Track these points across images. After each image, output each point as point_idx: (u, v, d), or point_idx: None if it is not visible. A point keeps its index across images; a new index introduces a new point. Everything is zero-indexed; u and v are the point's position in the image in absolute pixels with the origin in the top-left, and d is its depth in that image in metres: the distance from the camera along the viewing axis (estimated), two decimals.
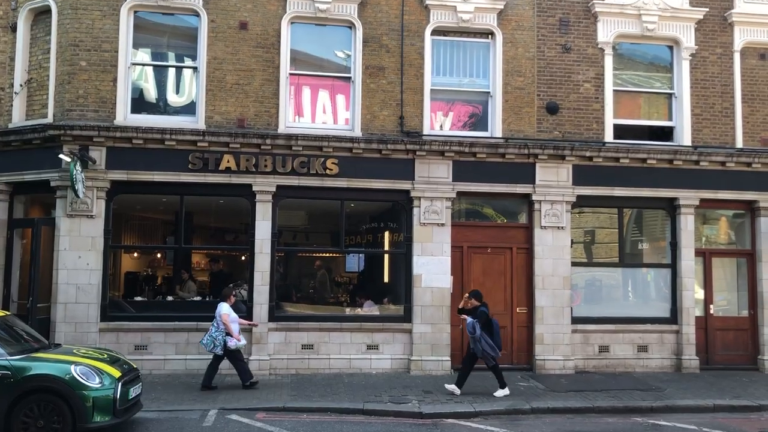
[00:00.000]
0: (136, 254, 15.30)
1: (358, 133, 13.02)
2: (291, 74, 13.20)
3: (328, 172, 12.84)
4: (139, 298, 13.52)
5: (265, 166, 12.68)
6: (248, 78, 12.93)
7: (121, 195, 12.66)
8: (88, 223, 12.31)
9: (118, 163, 12.41)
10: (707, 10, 14.12)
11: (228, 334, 11.15)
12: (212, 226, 15.41)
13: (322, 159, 12.82)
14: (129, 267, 14.92)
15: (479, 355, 11.02)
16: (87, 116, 12.49)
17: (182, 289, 13.51)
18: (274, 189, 12.72)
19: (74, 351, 8.83)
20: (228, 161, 12.61)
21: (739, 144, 14.07)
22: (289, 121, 13.09)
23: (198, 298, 13.39)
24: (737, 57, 14.24)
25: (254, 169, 12.65)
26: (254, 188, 12.67)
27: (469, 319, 11.02)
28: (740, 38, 14.25)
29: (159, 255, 15.64)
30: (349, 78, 13.31)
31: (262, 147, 12.64)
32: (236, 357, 11.33)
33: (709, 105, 14.13)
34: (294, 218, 14.76)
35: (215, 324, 11.23)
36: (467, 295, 11.57)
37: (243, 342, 11.41)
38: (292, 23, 13.25)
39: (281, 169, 12.72)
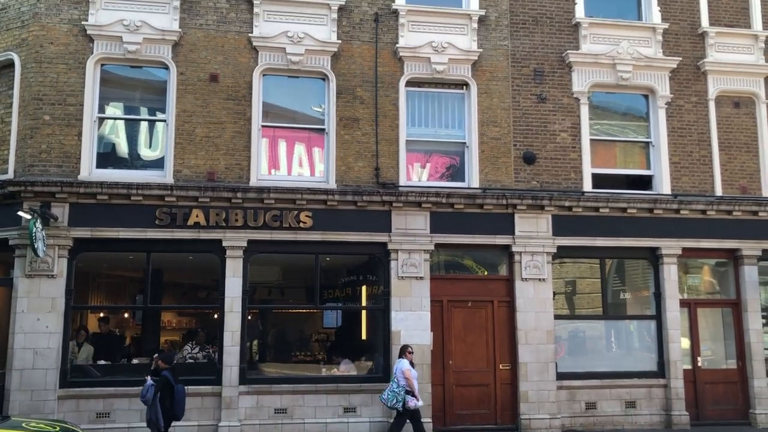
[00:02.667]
0: (102, 314, 14.60)
1: (332, 184, 12.67)
2: (263, 126, 12.91)
3: (301, 225, 12.42)
4: (103, 362, 12.78)
5: (236, 220, 12.23)
6: (219, 130, 12.60)
7: (85, 253, 12.09)
8: (49, 283, 11.69)
9: (82, 219, 11.88)
10: (680, 59, 14.16)
11: (409, 392, 11.02)
12: (182, 284, 14.82)
13: (296, 212, 12.42)
14: (95, 328, 14.20)
15: (148, 419, 9.79)
16: (50, 171, 12.02)
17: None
18: (245, 244, 12.24)
19: (23, 425, 8.13)
20: (197, 216, 12.15)
21: (719, 192, 13.93)
22: (261, 174, 12.73)
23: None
24: (712, 105, 14.24)
25: (224, 224, 12.20)
26: (224, 243, 12.19)
27: (148, 382, 9.75)
28: (714, 87, 14.28)
29: (126, 315, 14.96)
30: (323, 129, 13.05)
31: (232, 201, 12.21)
32: (415, 417, 11.17)
33: (687, 153, 14.03)
34: (267, 274, 14.24)
35: (395, 380, 11.11)
36: (156, 355, 10.58)
37: (421, 402, 11.28)
38: (264, 75, 13.03)
39: (253, 223, 12.28)
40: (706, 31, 14.30)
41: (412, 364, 11.39)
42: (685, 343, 13.71)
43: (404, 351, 11.50)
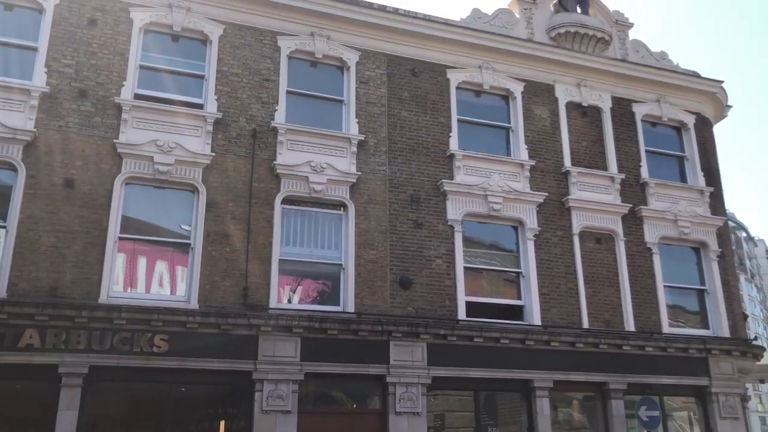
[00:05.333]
0: None
1: (194, 305, 11.57)
2: (121, 238, 11.77)
3: (155, 349, 11.08)
4: None
5: (78, 342, 10.70)
6: (69, 240, 11.30)
7: None
8: None
9: None
10: (547, 194, 14.76)
11: None
12: (9, 417, 12.55)
13: (149, 334, 11.09)
14: None
15: None
16: None
17: None
18: (86, 370, 10.65)
19: None
20: (30, 336, 10.51)
21: (586, 324, 14.18)
22: (113, 291, 11.43)
23: None
24: (576, 240, 14.80)
25: (63, 346, 10.61)
26: (60, 370, 10.53)
27: None
28: (577, 222, 14.91)
29: None
30: (189, 244, 12.08)
31: (76, 320, 10.74)
32: None
33: (555, 285, 14.31)
34: (111, 406, 12.36)
35: None
36: None
37: None
38: (127, 184, 12.08)
39: (97, 346, 10.78)
40: (569, 170, 15.13)
41: None
42: None
43: None
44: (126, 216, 12.00)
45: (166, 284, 12.01)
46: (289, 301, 12.60)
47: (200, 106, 12.89)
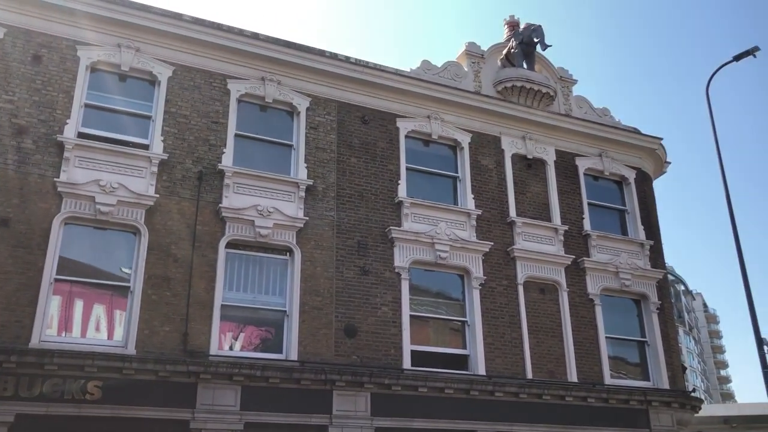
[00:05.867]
0: None
1: (131, 350, 11.17)
2: (57, 280, 11.36)
3: (88, 397, 10.60)
4: None
5: (5, 389, 10.17)
6: (1, 281, 10.83)
7: None
8: None
9: None
10: (492, 244, 14.92)
11: None
12: None
13: (83, 381, 10.62)
14: None
15: None
16: None
17: None
18: (11, 419, 10.10)
19: None
20: None
21: (529, 375, 14.21)
22: (46, 335, 10.97)
23: None
24: (521, 289, 14.94)
25: None
26: None
27: None
28: (522, 272, 15.08)
29: None
30: (128, 288, 11.73)
31: (4, 365, 10.22)
32: None
33: (500, 334, 14.36)
34: None
35: None
36: None
37: None
38: (66, 224, 11.72)
39: (26, 394, 10.26)
40: (514, 220, 15.38)
41: None
42: None
43: None
44: (64, 257, 11.62)
45: (103, 329, 11.59)
46: (231, 348, 12.29)
47: (146, 147, 12.70)
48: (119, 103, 12.97)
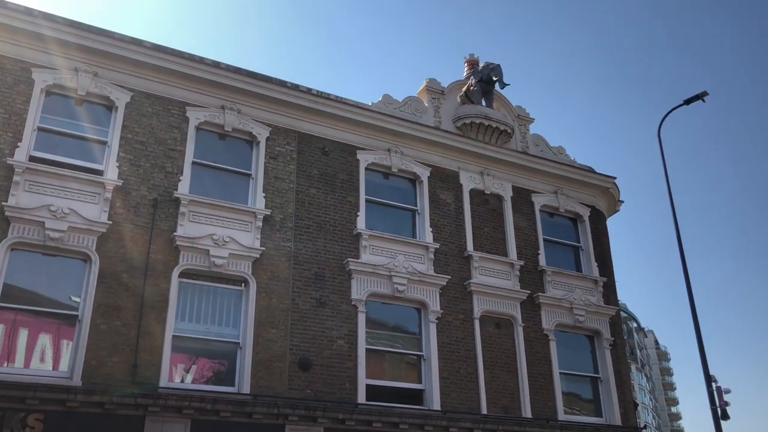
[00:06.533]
0: None
1: (77, 381, 10.78)
2: (0, 308, 10.95)
3: (28, 431, 10.15)
4: None
5: None
6: None
7: None
8: None
9: None
10: (450, 277, 14.96)
11: None
12: None
13: (23, 414, 10.18)
14: None
15: None
16: None
17: None
18: None
19: None
20: None
21: (484, 410, 14.17)
22: None
23: None
24: (477, 324, 14.97)
25: None
26: None
27: None
28: (478, 306, 15.13)
29: None
30: (76, 316, 11.37)
31: None
32: None
33: (456, 369, 14.31)
34: None
35: None
36: None
37: None
38: (12, 250, 11.36)
39: None
40: (471, 254, 15.47)
41: None
42: None
43: None
44: (9, 284, 11.23)
45: (48, 359, 11.18)
46: (183, 380, 11.97)
47: (100, 173, 12.45)
48: (74, 127, 12.72)
